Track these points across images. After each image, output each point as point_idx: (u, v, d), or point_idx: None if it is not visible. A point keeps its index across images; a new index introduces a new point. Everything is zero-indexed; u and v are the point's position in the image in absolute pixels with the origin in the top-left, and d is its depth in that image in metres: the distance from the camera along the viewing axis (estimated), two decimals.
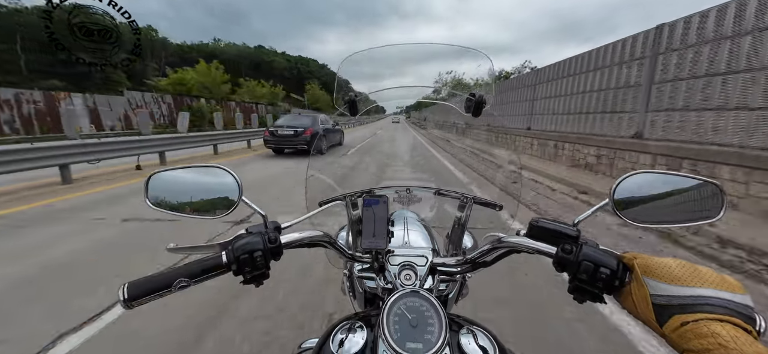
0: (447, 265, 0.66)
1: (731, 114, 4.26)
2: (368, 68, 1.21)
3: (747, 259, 2.82)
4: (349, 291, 0.90)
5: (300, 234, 0.59)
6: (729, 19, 4.35)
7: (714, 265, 2.81)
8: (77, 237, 3.29)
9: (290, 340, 1.79)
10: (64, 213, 4.12)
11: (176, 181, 0.61)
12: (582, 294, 0.47)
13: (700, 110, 4.70)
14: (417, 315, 0.48)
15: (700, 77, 4.72)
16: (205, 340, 1.81)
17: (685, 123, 4.92)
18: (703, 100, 4.67)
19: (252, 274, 0.52)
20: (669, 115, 5.23)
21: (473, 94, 0.83)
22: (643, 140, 5.54)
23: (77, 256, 2.84)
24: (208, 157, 9.28)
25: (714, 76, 4.52)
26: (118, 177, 6.43)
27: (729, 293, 0.35)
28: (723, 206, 0.50)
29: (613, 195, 0.52)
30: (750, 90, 4.06)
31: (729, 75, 4.34)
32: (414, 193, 1.09)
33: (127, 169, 7.11)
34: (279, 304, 2.13)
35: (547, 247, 0.51)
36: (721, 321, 0.33)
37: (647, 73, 5.63)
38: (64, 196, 4.91)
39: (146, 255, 2.84)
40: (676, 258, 0.40)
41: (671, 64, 5.21)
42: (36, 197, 4.86)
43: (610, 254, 0.46)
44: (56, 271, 2.58)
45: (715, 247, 3.09)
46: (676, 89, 5.10)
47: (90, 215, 4.00)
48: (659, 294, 0.38)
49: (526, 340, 1.83)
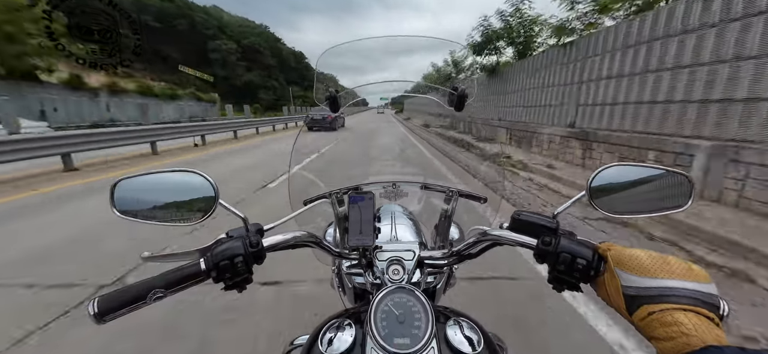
0: (434, 259, 0.67)
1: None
2: (350, 61, 1.19)
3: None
4: (339, 287, 0.90)
5: (283, 236, 0.58)
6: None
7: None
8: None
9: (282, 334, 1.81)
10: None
11: (146, 187, 0.58)
12: (560, 283, 0.49)
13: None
14: (404, 310, 0.49)
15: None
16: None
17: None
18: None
19: (233, 281, 0.51)
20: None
21: (455, 88, 0.83)
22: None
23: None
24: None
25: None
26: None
27: (694, 283, 0.38)
28: (691, 196, 0.52)
29: (589, 186, 0.54)
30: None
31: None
32: (400, 188, 1.10)
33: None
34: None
35: (528, 240, 0.53)
36: (684, 310, 0.35)
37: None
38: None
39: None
40: (647, 250, 0.42)
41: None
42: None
43: (587, 245, 0.47)
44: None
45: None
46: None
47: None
48: (629, 285, 0.40)
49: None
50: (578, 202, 0.56)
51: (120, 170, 6.83)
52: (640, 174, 0.55)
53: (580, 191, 0.55)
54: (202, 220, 0.57)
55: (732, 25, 4.08)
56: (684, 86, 4.68)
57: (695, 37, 4.54)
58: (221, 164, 7.73)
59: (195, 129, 11.51)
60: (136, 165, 7.59)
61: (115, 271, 2.50)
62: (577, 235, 0.51)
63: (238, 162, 8.01)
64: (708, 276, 0.39)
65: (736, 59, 4.01)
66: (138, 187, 0.57)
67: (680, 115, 4.73)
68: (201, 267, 0.49)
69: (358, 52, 1.04)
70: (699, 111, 4.46)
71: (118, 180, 0.57)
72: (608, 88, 6.23)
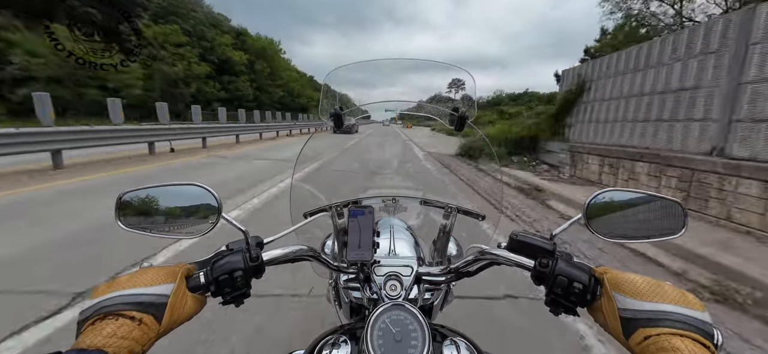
0: (432, 275, 0.67)
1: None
2: (359, 76, 1.22)
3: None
4: (335, 301, 0.90)
5: (283, 250, 0.59)
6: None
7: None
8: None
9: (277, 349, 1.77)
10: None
11: (151, 200, 0.58)
12: (557, 306, 0.50)
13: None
14: (401, 328, 0.49)
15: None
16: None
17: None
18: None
19: (232, 295, 0.51)
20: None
21: (456, 110, 0.86)
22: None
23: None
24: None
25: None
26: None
27: (689, 309, 0.38)
28: (685, 224, 0.53)
29: (586, 209, 0.56)
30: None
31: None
32: (400, 203, 1.11)
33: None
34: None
35: (525, 261, 0.53)
36: (681, 336, 0.36)
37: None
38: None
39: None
40: (643, 275, 0.43)
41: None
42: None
43: (584, 268, 0.48)
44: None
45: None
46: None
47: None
48: (626, 308, 0.41)
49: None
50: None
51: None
52: (635, 200, 0.56)
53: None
54: (206, 234, 0.58)
55: None
56: None
57: None
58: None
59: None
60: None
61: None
62: (574, 258, 0.51)
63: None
64: (702, 305, 0.39)
65: None
66: (143, 199, 0.58)
67: None
68: (200, 280, 0.49)
69: (366, 68, 1.07)
70: None
71: (124, 193, 0.57)
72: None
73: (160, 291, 0.42)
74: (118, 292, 0.40)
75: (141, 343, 0.38)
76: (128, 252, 2.77)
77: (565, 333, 1.97)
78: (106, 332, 0.36)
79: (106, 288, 0.41)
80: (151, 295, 0.42)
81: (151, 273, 0.44)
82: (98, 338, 0.36)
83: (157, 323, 0.41)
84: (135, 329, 0.38)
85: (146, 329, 0.39)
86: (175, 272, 0.46)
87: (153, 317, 0.41)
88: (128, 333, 0.37)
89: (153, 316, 0.41)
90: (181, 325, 0.46)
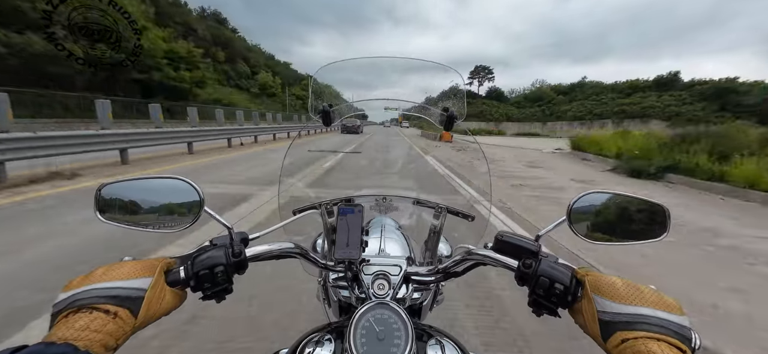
0: (420, 275, 0.67)
1: None
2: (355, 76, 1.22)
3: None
4: (324, 299, 0.90)
5: (268, 246, 0.58)
6: None
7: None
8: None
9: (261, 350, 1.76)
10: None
11: (131, 192, 0.57)
12: (539, 307, 0.50)
13: None
14: (385, 327, 0.49)
15: None
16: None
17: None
18: None
19: (212, 290, 0.50)
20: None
21: (446, 109, 0.86)
22: None
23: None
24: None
25: None
26: None
27: (667, 313, 0.38)
28: (667, 228, 0.54)
29: (569, 211, 0.56)
30: None
31: None
32: (391, 202, 1.11)
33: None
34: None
35: (509, 261, 0.54)
36: (658, 340, 0.36)
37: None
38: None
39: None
40: (624, 278, 0.43)
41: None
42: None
43: (566, 269, 0.48)
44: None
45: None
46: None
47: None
48: (605, 310, 0.41)
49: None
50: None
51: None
52: (619, 202, 0.57)
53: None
54: (188, 227, 0.57)
55: None
56: None
57: None
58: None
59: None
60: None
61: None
62: (559, 259, 0.51)
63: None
64: (681, 308, 0.40)
65: None
66: (123, 192, 0.57)
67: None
68: (180, 275, 0.49)
69: (360, 67, 1.07)
70: None
71: (103, 184, 0.56)
72: None
73: (136, 285, 0.42)
74: (93, 285, 0.40)
75: (115, 336, 0.38)
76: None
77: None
78: (79, 325, 0.36)
79: (81, 281, 0.41)
80: (128, 288, 0.41)
81: (128, 266, 0.43)
82: (69, 331, 0.35)
83: (133, 317, 0.40)
84: (109, 323, 0.38)
85: (121, 323, 0.39)
86: (154, 266, 0.45)
87: (129, 311, 0.40)
88: (101, 326, 0.37)
89: (129, 309, 0.40)
90: (159, 319, 0.45)
